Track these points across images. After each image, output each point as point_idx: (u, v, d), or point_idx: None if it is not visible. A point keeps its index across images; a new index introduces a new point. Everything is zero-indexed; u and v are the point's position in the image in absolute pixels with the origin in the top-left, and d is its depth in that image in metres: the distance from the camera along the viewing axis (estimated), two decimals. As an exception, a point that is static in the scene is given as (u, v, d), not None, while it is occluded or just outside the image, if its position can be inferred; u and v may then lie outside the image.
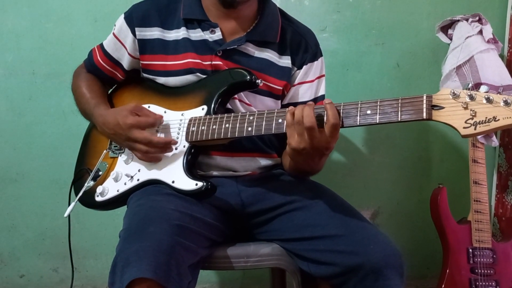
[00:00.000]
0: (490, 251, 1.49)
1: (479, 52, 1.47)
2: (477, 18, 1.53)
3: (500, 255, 1.51)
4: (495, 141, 1.49)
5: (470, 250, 1.50)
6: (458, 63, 1.49)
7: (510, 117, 0.76)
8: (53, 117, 1.70)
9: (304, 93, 1.20)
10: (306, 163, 1.03)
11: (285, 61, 1.17)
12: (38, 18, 1.65)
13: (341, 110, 0.89)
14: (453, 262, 1.51)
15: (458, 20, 1.56)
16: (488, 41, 1.50)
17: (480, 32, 1.51)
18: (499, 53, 1.54)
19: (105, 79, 1.25)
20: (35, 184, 1.73)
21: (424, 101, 0.82)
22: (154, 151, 1.06)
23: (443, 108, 0.81)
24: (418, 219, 1.82)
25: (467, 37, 1.50)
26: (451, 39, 1.59)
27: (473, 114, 0.78)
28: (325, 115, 0.89)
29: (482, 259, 1.49)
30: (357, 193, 1.83)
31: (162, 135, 1.09)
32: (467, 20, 1.54)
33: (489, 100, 0.77)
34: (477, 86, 1.43)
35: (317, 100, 1.21)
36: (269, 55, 1.16)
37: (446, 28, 1.61)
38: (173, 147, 1.07)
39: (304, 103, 1.18)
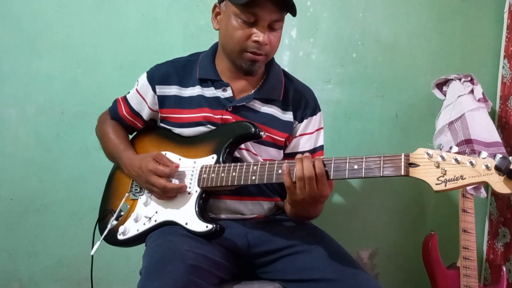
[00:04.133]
0: (477, 296, 1.58)
1: (470, 110, 1.59)
2: (469, 78, 1.66)
3: (488, 301, 1.59)
4: (483, 193, 1.59)
5: (459, 295, 1.59)
6: (451, 119, 1.61)
7: (474, 176, 0.86)
8: (78, 153, 1.82)
9: (304, 143, 1.32)
10: (305, 210, 1.15)
11: (288, 116, 1.30)
12: (70, 63, 1.79)
13: (332, 164, 1.02)
14: (443, 305, 1.59)
15: (452, 79, 1.69)
16: (478, 100, 1.62)
17: (472, 91, 1.64)
18: (488, 111, 1.66)
19: (126, 127, 1.39)
20: (57, 214, 1.83)
21: (403, 160, 0.93)
22: (168, 196, 1.19)
23: (418, 165, 0.91)
24: (414, 261, 1.88)
25: (459, 96, 1.63)
26: (445, 95, 1.71)
27: (444, 173, 0.88)
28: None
29: (470, 304, 1.57)
30: (356, 234, 1.92)
31: (177, 181, 1.21)
32: (460, 79, 1.67)
33: (457, 161, 0.88)
34: (467, 142, 1.56)
35: (316, 150, 1.33)
36: (274, 110, 1.29)
37: (441, 85, 1.74)
38: (187, 191, 1.20)
39: (305, 152, 1.31)
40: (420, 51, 1.86)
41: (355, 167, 0.99)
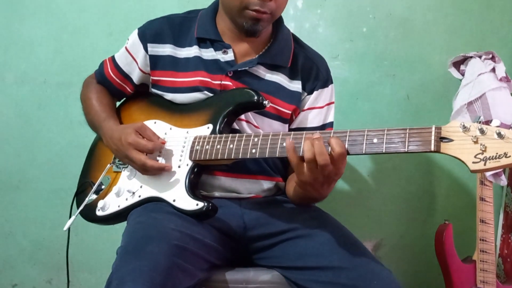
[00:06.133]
0: (494, 293, 1.46)
1: (491, 90, 1.47)
2: (490, 56, 1.53)
3: (505, 298, 1.48)
4: (503, 180, 1.47)
5: (474, 291, 1.47)
6: (470, 99, 1.48)
7: None
8: (60, 126, 1.72)
9: (313, 118, 1.19)
10: (315, 190, 1.00)
11: (296, 85, 1.17)
12: (55, 28, 1.68)
13: (347, 137, 0.88)
14: (455, 301, 1.48)
15: (471, 57, 1.57)
16: (500, 79, 1.49)
17: (493, 70, 1.51)
18: (511, 92, 1.53)
19: (114, 91, 1.26)
20: (37, 192, 1.74)
21: (433, 133, 0.80)
22: (149, 174, 1.06)
23: (452, 140, 0.79)
24: (421, 254, 1.79)
25: (480, 74, 1.50)
26: (463, 74, 1.58)
27: (483, 149, 0.76)
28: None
29: (486, 301, 1.46)
30: (360, 223, 1.81)
31: (163, 160, 1.08)
32: (480, 57, 1.54)
33: (500, 135, 0.75)
34: (488, 123, 1.43)
35: (325, 126, 1.21)
36: (280, 78, 1.16)
37: (458, 63, 1.61)
38: (176, 164, 1.07)
39: (313, 129, 1.18)
40: (436, 28, 1.73)
41: (375, 140, 0.85)
